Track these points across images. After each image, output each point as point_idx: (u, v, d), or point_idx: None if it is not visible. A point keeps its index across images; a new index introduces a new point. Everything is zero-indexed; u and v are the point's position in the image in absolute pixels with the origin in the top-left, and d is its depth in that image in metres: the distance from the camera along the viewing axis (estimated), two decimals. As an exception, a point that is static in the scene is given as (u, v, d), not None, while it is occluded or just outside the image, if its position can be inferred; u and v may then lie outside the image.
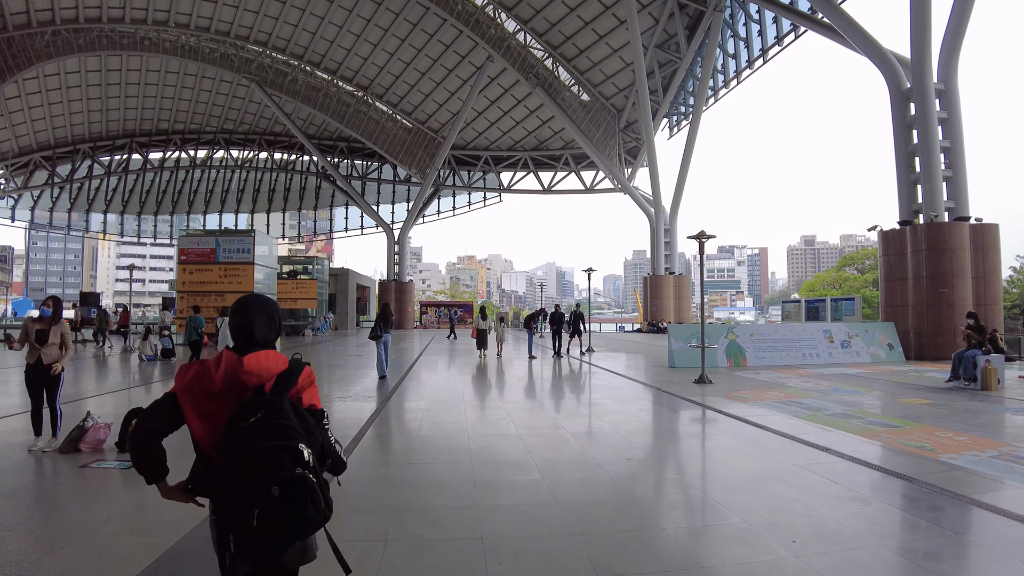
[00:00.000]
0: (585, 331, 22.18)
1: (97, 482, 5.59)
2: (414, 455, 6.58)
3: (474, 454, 6.56)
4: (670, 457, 6.84)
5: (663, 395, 11.08)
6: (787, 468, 5.93)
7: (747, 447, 6.94)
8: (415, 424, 8.29)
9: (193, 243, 24.72)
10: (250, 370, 2.17)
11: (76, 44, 39.05)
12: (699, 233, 12.06)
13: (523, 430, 7.78)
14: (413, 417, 8.83)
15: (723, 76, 36.94)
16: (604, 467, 6.05)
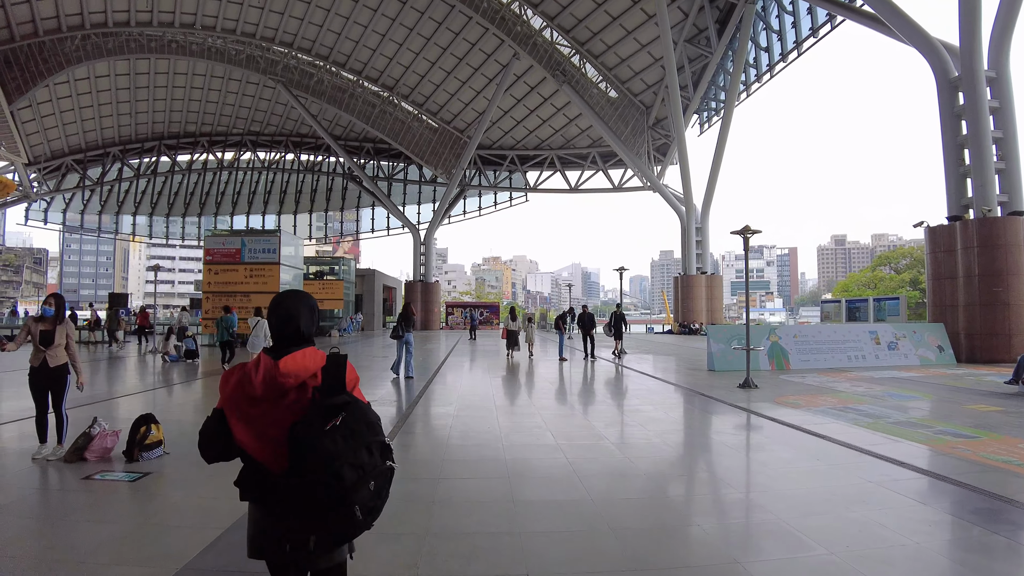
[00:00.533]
0: (626, 333, 20.97)
1: (98, 497, 5.15)
2: (444, 468, 6.05)
3: (510, 467, 6.00)
4: (728, 473, 6.15)
5: (708, 401, 10.40)
6: (862, 486, 5.28)
7: (810, 460, 6.28)
8: (444, 432, 7.77)
9: (219, 243, 24.56)
10: (287, 372, 2.18)
11: (105, 48, 39.36)
12: (743, 228, 11.37)
13: (562, 440, 7.20)
14: (442, 424, 8.32)
15: (755, 70, 35.98)
16: (657, 484, 5.49)
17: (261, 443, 2.18)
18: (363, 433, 2.12)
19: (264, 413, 2.18)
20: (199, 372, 15.42)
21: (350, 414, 2.13)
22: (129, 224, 55.66)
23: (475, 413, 9.08)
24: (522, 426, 8.12)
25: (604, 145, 45.55)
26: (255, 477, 2.21)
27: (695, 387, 12.18)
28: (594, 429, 7.93)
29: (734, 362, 14.47)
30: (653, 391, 11.91)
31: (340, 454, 2.05)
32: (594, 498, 4.97)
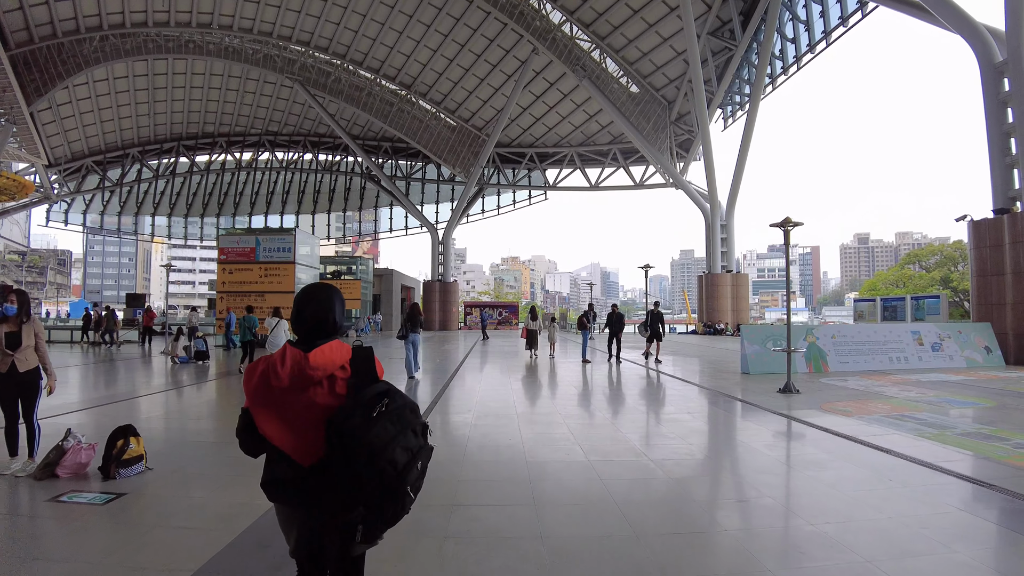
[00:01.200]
0: (665, 334, 19.38)
1: (57, 523, 4.48)
2: (460, 492, 5.28)
3: (536, 490, 5.25)
4: (793, 498, 5.25)
5: (749, 408, 9.56)
6: (955, 516, 4.49)
7: (881, 481, 5.46)
8: (460, 445, 7.03)
9: (233, 242, 24.08)
10: (316, 365, 2.20)
11: (123, 49, 39.39)
12: (783, 220, 10.55)
13: (594, 456, 6.43)
14: (458, 435, 7.61)
15: (781, 62, 34.89)
16: (715, 517, 4.71)
17: (291, 434, 2.19)
18: (407, 417, 2.18)
19: (292, 404, 2.19)
20: (209, 374, 14.86)
21: (392, 400, 2.18)
22: (149, 225, 55.77)
23: (495, 422, 8.36)
24: (547, 438, 7.38)
25: (625, 141, 44.72)
26: (285, 474, 2.21)
27: (732, 392, 11.36)
28: (629, 443, 7.12)
29: (770, 364, 13.62)
30: (687, 397, 11.12)
31: (393, 439, 2.10)
32: (639, 532, 4.22)
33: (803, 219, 10.69)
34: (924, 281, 54.47)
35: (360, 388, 2.18)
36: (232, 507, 4.65)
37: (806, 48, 32.31)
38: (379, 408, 2.12)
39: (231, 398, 11.12)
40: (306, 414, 2.18)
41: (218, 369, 16.24)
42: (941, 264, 56.73)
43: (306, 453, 2.18)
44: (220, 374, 15.07)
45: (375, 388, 2.19)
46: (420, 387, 12.34)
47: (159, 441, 6.90)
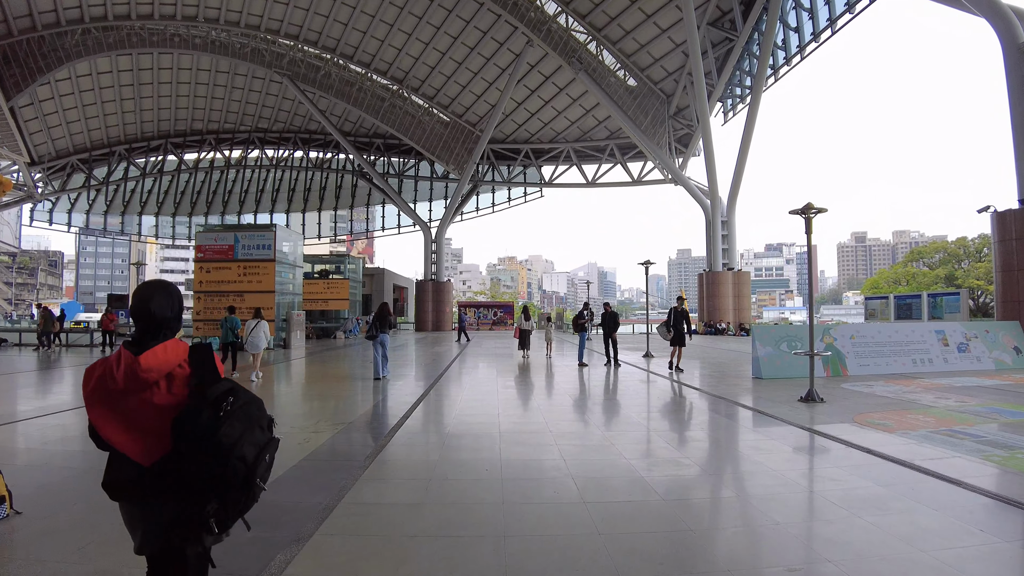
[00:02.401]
0: (690, 337, 15.70)
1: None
2: (408, 561, 3.85)
3: (511, 564, 3.81)
4: (865, 564, 3.74)
5: (771, 423, 8.31)
6: None
7: (971, 533, 4.16)
8: (422, 479, 5.61)
9: (210, 239, 22.86)
10: (148, 367, 2.17)
11: (106, 43, 38.30)
12: (804, 207, 9.38)
13: (591, 494, 5.09)
14: (424, 463, 6.28)
15: (784, 52, 33.75)
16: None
17: (131, 435, 2.17)
18: (253, 413, 2.22)
19: (129, 406, 2.17)
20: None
21: (237, 397, 2.19)
22: (136, 224, 54.50)
23: (472, 444, 7.15)
24: (535, 466, 6.12)
25: (623, 137, 43.61)
26: (127, 474, 2.18)
27: (747, 401, 10.22)
28: (634, 472, 5.79)
29: (784, 368, 12.47)
30: (697, 408, 9.96)
31: (241, 436, 2.13)
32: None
33: (802, 217, 9.62)
34: (928, 279, 53.46)
35: (202, 386, 2.18)
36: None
37: (810, 37, 31.18)
38: (225, 406, 2.14)
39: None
40: (145, 415, 2.17)
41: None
42: (945, 261, 55.73)
43: (146, 453, 2.16)
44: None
45: (220, 387, 2.18)
46: (398, 394, 11.31)
47: (39, 473, 5.74)
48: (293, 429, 7.81)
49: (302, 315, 24.36)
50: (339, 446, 6.81)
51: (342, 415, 9.08)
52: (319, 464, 5.99)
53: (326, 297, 33.47)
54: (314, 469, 5.83)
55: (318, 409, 10.00)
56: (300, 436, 7.31)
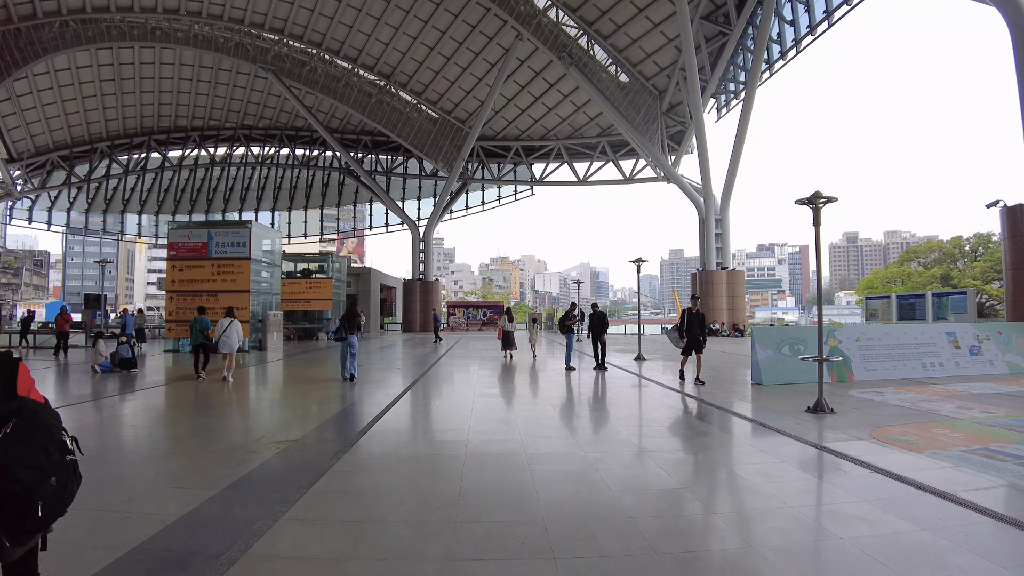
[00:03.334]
0: (706, 341, 13.23)
1: None
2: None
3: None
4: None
5: (779, 440, 7.32)
6: None
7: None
8: (345, 539, 4.25)
9: (183, 236, 21.80)
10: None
11: (84, 36, 37.36)
12: (813, 195, 8.43)
13: (567, 545, 4.06)
14: (364, 505, 5.07)
15: (779, 46, 32.96)
16: None
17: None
18: (38, 436, 2.15)
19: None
20: (131, 386, 12.66)
21: (22, 420, 2.15)
22: (119, 223, 53.32)
23: (429, 469, 6.09)
24: (499, 502, 5.11)
25: (614, 134, 42.80)
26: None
27: (749, 412, 9.32)
28: (621, 511, 4.71)
29: (786, 373, 11.58)
30: (694, 421, 9.02)
31: (15, 459, 2.06)
32: None
33: (794, 219, 8.75)
34: (924, 278, 52.84)
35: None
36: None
37: (806, 30, 30.41)
38: (4, 429, 2.10)
39: (114, 428, 8.86)
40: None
41: (153, 378, 14.02)
42: (940, 261, 55.16)
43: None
44: (152, 385, 12.87)
45: (6, 407, 2.16)
46: (363, 404, 10.37)
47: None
48: (230, 448, 6.89)
49: (279, 316, 23.37)
50: (272, 472, 5.81)
51: (292, 429, 8.09)
52: (240, 497, 5.00)
53: (308, 297, 32.43)
54: (231, 504, 4.85)
55: (268, 421, 9.07)
56: (235, 457, 6.33)
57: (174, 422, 9.00)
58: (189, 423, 8.80)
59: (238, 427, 8.50)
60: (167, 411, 10.00)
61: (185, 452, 6.81)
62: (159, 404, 10.62)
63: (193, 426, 8.52)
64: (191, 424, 8.69)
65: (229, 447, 6.90)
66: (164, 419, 9.33)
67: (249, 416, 9.34)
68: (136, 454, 6.95)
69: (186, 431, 8.21)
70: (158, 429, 8.46)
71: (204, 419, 9.06)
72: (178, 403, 10.66)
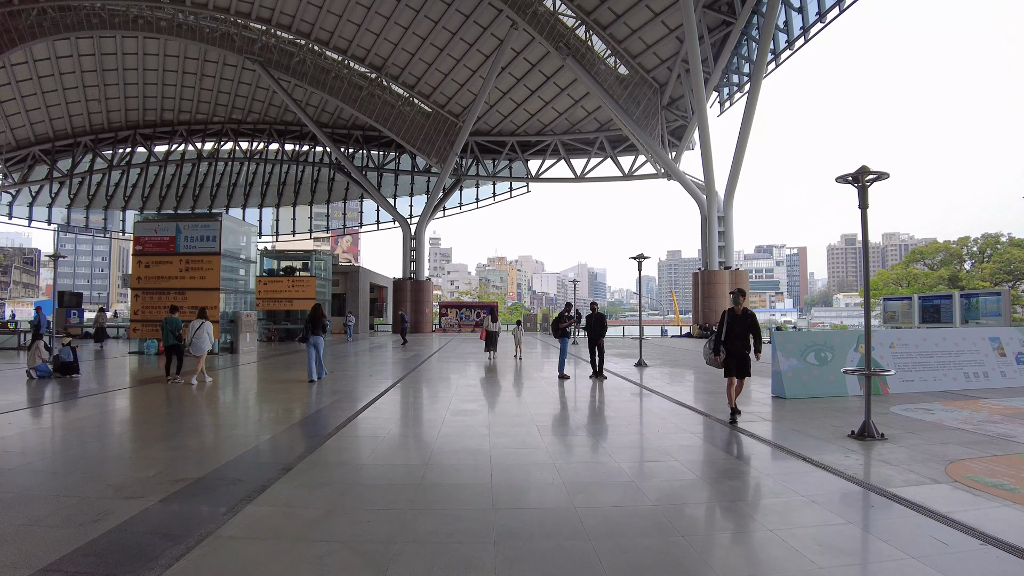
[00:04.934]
0: (759, 350, 9.18)
1: None
2: None
3: None
4: None
5: (823, 478, 5.70)
6: None
7: None
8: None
9: (150, 230, 20.18)
10: None
11: (63, 24, 36.00)
12: (859, 171, 6.85)
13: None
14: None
15: (786, 35, 31.49)
16: None
17: None
18: None
19: None
20: (60, 394, 11.11)
21: None
22: (102, 219, 51.73)
23: (356, 536, 4.31)
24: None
25: (613, 129, 41.33)
26: None
27: (779, 438, 7.50)
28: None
29: (812, 385, 10.01)
30: (711, 450, 7.17)
31: None
32: None
33: (792, 220, 7.35)
34: (931, 279, 51.47)
35: None
36: None
37: (815, 17, 28.96)
38: None
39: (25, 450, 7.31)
40: None
41: (81, 388, 12.38)
42: (946, 262, 53.74)
43: None
44: (89, 392, 11.27)
45: None
46: (316, 419, 8.97)
47: None
48: (103, 490, 5.21)
49: (252, 316, 21.79)
50: (130, 537, 4.17)
51: (204, 461, 6.36)
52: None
53: (291, 296, 30.83)
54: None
55: (181, 448, 7.04)
56: (95, 508, 4.68)
57: (65, 446, 7.19)
58: (80, 447, 7.01)
59: (136, 457, 6.71)
60: (70, 430, 8.18)
61: (37, 498, 5.06)
62: (71, 420, 8.75)
63: (80, 453, 6.71)
64: (80, 450, 6.88)
65: (102, 488, 5.24)
66: (55, 441, 7.53)
67: (163, 440, 7.30)
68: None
69: (70, 459, 6.47)
70: (34, 457, 6.55)
71: (103, 442, 7.38)
72: (94, 418, 8.88)
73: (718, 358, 8.77)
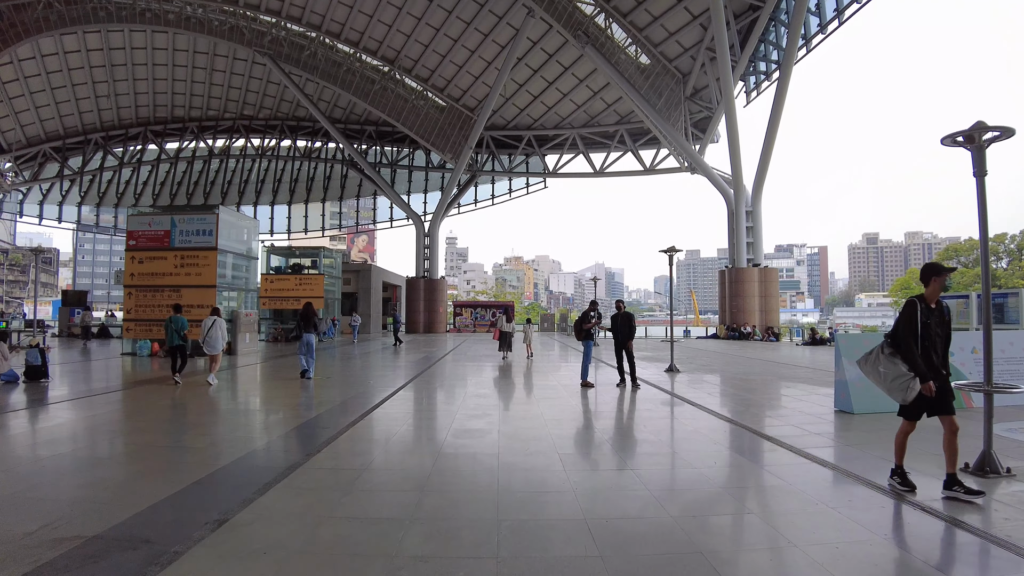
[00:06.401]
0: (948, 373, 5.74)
1: None
2: None
3: None
4: None
5: (974, 550, 4.06)
6: None
7: None
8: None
9: (144, 224, 19.00)
10: None
11: (70, 17, 35.44)
12: (974, 127, 5.37)
13: None
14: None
15: (818, 18, 29.82)
16: None
17: None
18: None
19: None
20: (16, 402, 9.86)
21: None
22: (112, 216, 51.06)
23: None
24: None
25: (634, 121, 39.81)
26: None
27: (868, 471, 5.81)
28: None
29: (883, 398, 8.50)
30: (793, 492, 5.29)
31: None
32: None
33: (810, 218, 5.83)
34: (968, 278, 49.35)
35: None
36: None
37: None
38: None
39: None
40: None
41: (46, 395, 11.15)
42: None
43: None
44: (59, 399, 10.04)
45: None
46: (281, 444, 7.40)
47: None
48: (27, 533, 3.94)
49: (252, 315, 20.55)
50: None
51: (119, 502, 4.84)
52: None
53: (298, 295, 29.59)
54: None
55: (103, 479, 5.63)
56: None
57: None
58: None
59: (36, 499, 5.05)
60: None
61: None
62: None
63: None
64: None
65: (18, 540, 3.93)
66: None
67: (82, 471, 5.70)
68: None
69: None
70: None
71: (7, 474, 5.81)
72: (29, 437, 7.68)
73: (908, 396, 5.17)
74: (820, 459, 6.41)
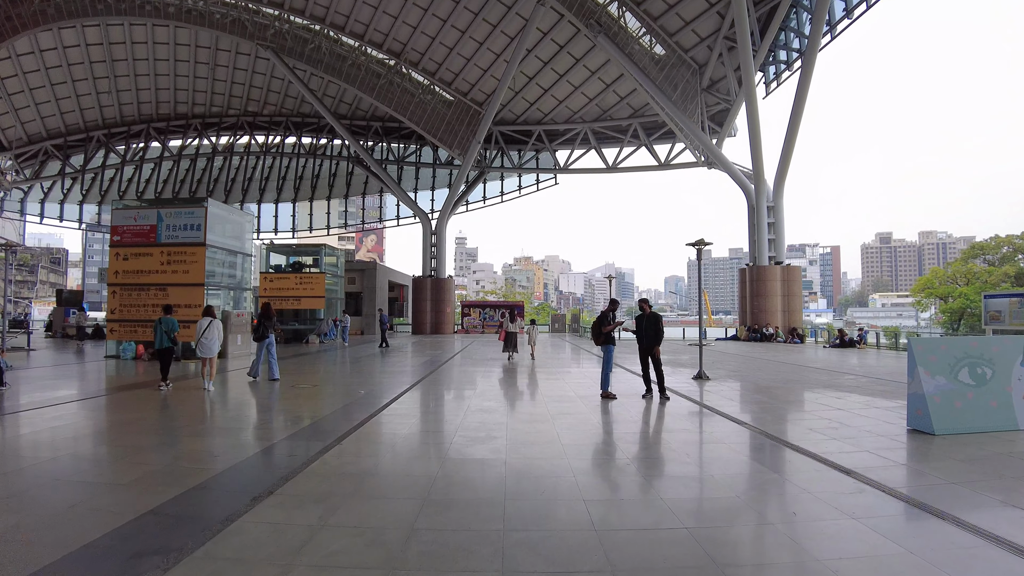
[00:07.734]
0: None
1: None
2: None
3: None
4: None
5: None
6: None
7: None
8: None
9: (128, 218, 17.78)
10: None
11: (68, 10, 34.52)
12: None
13: None
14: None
15: (844, 2, 28.31)
16: None
17: None
18: None
19: None
20: None
21: None
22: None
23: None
24: None
25: (648, 114, 38.38)
26: None
27: (997, 527, 4.38)
28: None
29: (967, 415, 6.91)
30: (935, 559, 3.87)
31: None
32: None
33: (821, 216, 4.60)
34: (995, 277, 47.48)
35: None
36: None
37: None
38: None
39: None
40: None
41: (36, 396, 9.99)
42: (1008, 258, 49.77)
43: None
44: (21, 408, 8.84)
45: None
46: (235, 477, 6.05)
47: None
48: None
49: (244, 315, 19.29)
50: None
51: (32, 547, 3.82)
52: None
53: (298, 294, 28.39)
54: None
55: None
56: None
57: None
58: None
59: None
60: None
61: None
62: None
63: None
64: None
65: None
66: None
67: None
68: None
69: None
70: None
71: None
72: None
73: None
74: (934, 508, 4.86)
